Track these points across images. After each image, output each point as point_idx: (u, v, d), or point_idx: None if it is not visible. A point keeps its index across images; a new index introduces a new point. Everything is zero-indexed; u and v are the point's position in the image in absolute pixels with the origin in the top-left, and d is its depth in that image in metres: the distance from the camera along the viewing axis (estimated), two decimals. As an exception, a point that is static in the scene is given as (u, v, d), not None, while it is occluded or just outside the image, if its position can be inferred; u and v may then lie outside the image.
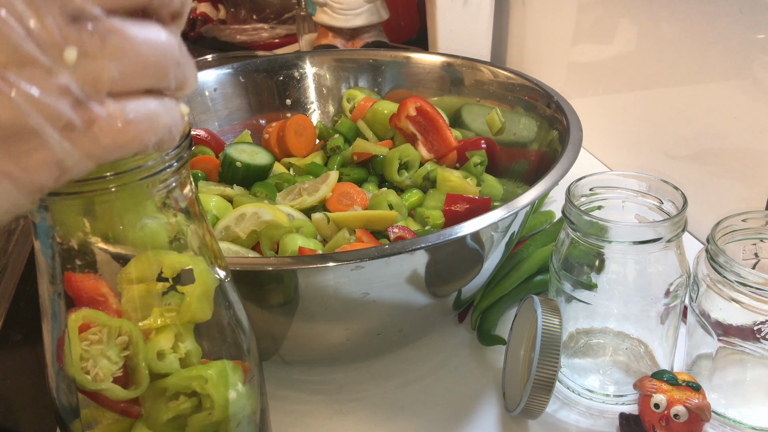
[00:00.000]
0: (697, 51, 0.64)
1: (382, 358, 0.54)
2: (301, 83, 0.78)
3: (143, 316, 0.28)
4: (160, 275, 0.29)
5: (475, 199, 0.57)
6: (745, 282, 0.41)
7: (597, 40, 0.82)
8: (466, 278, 0.49)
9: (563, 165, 0.49)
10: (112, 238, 0.27)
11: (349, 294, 0.43)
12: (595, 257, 0.45)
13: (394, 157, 0.63)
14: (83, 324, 0.27)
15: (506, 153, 0.66)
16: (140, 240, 0.28)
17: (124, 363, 0.28)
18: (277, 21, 1.37)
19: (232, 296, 0.32)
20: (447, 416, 0.49)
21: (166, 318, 0.29)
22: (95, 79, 0.20)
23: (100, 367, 0.27)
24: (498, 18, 1.02)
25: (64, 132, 0.20)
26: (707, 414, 0.41)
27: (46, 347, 0.29)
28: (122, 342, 0.28)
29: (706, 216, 0.66)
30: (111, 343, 0.28)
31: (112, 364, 0.28)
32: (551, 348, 0.43)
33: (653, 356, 0.49)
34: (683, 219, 0.44)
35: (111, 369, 0.28)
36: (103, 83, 0.21)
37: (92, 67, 0.20)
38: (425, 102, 0.65)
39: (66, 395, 0.29)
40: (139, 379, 0.28)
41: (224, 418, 0.31)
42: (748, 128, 0.60)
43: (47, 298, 0.28)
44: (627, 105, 0.78)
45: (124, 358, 0.28)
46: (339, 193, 0.60)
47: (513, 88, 0.67)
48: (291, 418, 0.49)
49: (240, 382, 0.31)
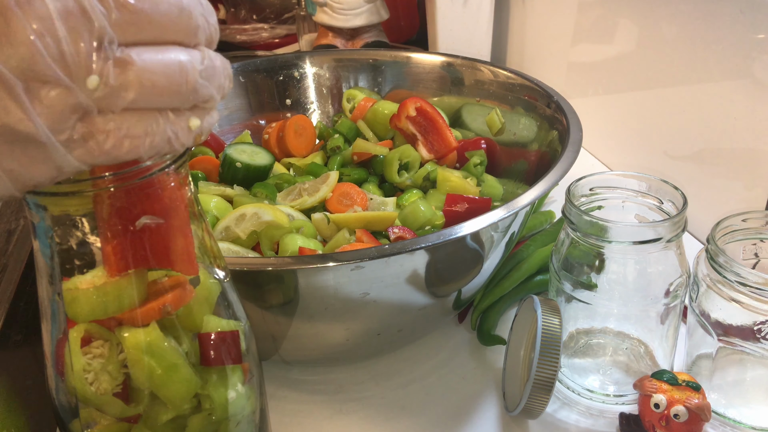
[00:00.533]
0: (697, 51, 0.64)
1: (382, 358, 0.54)
2: (301, 83, 0.78)
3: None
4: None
5: (475, 200, 0.57)
6: (745, 282, 0.41)
7: (597, 40, 0.82)
8: (467, 278, 0.49)
9: (563, 165, 0.49)
10: None
11: (349, 294, 0.43)
12: (595, 257, 0.45)
13: (394, 158, 0.63)
14: (85, 336, 0.27)
15: (506, 153, 0.66)
16: None
17: (124, 380, 0.28)
18: (277, 21, 1.37)
19: (232, 296, 0.32)
20: (447, 416, 0.49)
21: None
22: (110, 104, 0.21)
23: (102, 381, 0.27)
24: (498, 18, 1.02)
25: (66, 143, 0.21)
26: (707, 414, 0.41)
27: (46, 348, 0.29)
28: (123, 359, 0.28)
29: (706, 216, 0.66)
30: (112, 358, 0.28)
31: (113, 379, 0.28)
32: (551, 348, 0.43)
33: (653, 356, 0.49)
34: (683, 219, 0.44)
35: (112, 384, 0.28)
36: (118, 107, 0.22)
37: (110, 93, 0.21)
38: (425, 102, 0.65)
39: (65, 395, 0.29)
40: (139, 396, 0.28)
41: (224, 418, 0.31)
42: (748, 128, 0.60)
43: (46, 299, 0.28)
44: (627, 105, 0.78)
45: (125, 375, 0.28)
46: (339, 193, 0.60)
47: (513, 88, 0.67)
48: (291, 418, 0.49)
49: (239, 382, 0.31)
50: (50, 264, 0.27)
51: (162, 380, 0.28)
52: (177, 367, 0.28)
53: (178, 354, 0.28)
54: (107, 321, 0.28)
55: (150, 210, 0.26)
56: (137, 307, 0.27)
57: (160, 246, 0.27)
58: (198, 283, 0.29)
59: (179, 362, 0.28)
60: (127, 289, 0.27)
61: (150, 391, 0.28)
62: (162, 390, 0.28)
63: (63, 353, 0.28)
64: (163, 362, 0.28)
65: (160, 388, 0.28)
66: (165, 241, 0.27)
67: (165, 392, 0.28)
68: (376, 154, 0.66)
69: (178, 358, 0.28)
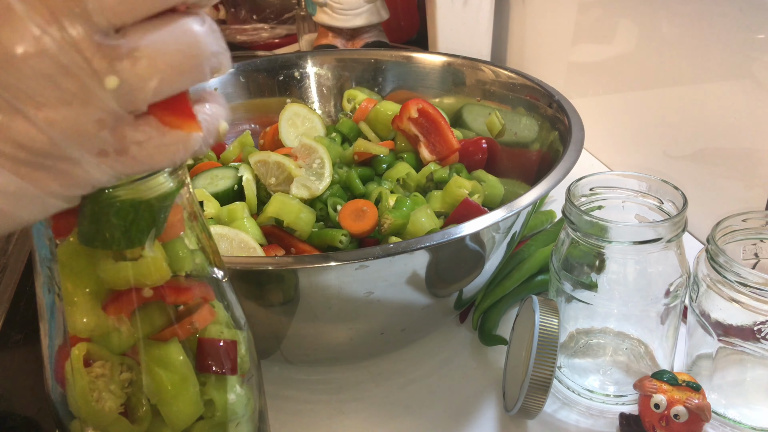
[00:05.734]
0: (697, 51, 0.64)
1: (383, 358, 0.54)
2: (302, 83, 0.78)
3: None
4: None
5: (486, 210, 0.57)
6: (745, 282, 0.41)
7: (597, 40, 0.82)
8: (469, 277, 0.49)
9: (565, 165, 0.49)
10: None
11: (353, 293, 0.43)
12: (595, 257, 0.45)
13: (392, 176, 0.63)
14: (85, 356, 0.27)
15: (508, 153, 0.66)
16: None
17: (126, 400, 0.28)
18: (277, 21, 1.37)
19: (230, 296, 0.32)
20: (448, 416, 0.49)
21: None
22: (135, 100, 0.21)
23: (107, 400, 0.27)
24: (498, 18, 1.02)
25: (100, 157, 0.21)
26: (707, 414, 0.41)
27: (44, 349, 0.29)
28: (126, 378, 0.28)
29: (706, 216, 0.66)
30: (115, 377, 0.28)
31: (117, 398, 0.28)
32: (548, 348, 0.43)
33: (653, 356, 0.49)
34: (683, 219, 0.44)
35: (117, 403, 0.28)
36: (144, 101, 0.21)
37: (130, 90, 0.20)
38: (427, 103, 0.65)
39: (64, 404, 0.29)
40: (142, 414, 0.28)
41: (225, 420, 0.31)
42: (748, 128, 0.60)
43: (43, 299, 0.28)
44: (627, 105, 0.78)
45: (126, 394, 0.28)
46: (352, 209, 0.58)
47: (514, 88, 0.67)
48: (291, 418, 0.49)
49: (238, 384, 0.31)
50: (48, 265, 0.27)
51: (171, 396, 0.28)
52: (188, 386, 0.29)
53: (192, 371, 0.29)
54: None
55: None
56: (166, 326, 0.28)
57: None
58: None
59: (192, 379, 0.29)
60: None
61: (153, 409, 0.28)
62: (170, 407, 0.28)
63: (63, 363, 0.28)
64: (177, 378, 0.28)
65: (169, 405, 0.28)
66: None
67: (170, 409, 0.29)
68: (377, 153, 0.66)
69: (192, 375, 0.29)
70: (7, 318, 0.62)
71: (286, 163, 0.58)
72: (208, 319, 0.29)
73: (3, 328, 0.61)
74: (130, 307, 0.27)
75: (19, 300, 0.64)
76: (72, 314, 0.27)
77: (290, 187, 0.58)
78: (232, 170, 0.61)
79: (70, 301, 0.27)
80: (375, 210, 0.56)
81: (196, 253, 0.30)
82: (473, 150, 0.67)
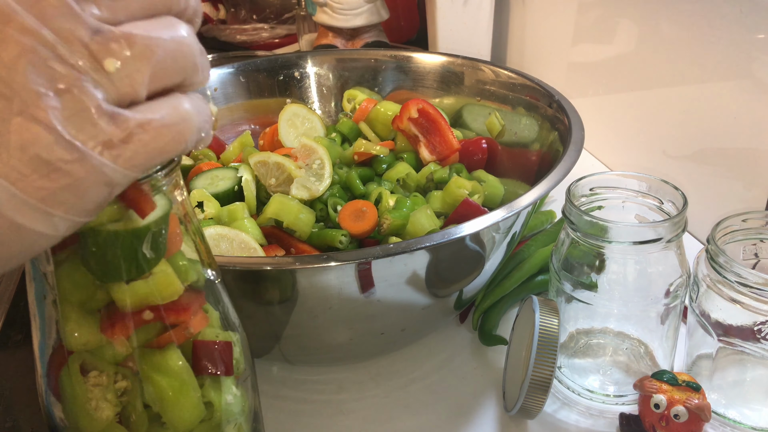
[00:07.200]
0: (697, 51, 0.64)
1: (383, 358, 0.54)
2: (302, 83, 0.78)
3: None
4: None
5: (486, 211, 0.57)
6: (746, 282, 0.41)
7: (597, 40, 0.82)
8: (470, 277, 0.49)
9: (565, 165, 0.49)
10: None
11: (353, 293, 0.43)
12: (595, 257, 0.45)
13: (392, 177, 0.63)
14: (81, 365, 0.27)
15: (508, 153, 0.66)
16: None
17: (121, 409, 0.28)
18: (277, 21, 1.37)
19: (224, 297, 0.32)
20: (448, 416, 0.49)
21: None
22: (132, 84, 0.21)
23: (104, 409, 0.27)
24: (498, 18, 1.02)
25: (105, 150, 0.21)
26: (707, 414, 0.41)
27: (36, 351, 0.29)
28: (121, 387, 0.28)
29: (706, 216, 0.66)
30: (110, 386, 0.28)
31: (114, 407, 0.28)
32: (548, 348, 0.43)
33: (653, 356, 0.49)
34: (683, 219, 0.44)
35: (114, 412, 0.28)
36: (139, 84, 0.21)
37: (127, 74, 0.21)
38: (427, 104, 0.65)
39: (57, 408, 0.29)
40: (136, 422, 0.28)
41: (221, 421, 0.31)
42: (748, 128, 0.60)
43: (34, 302, 0.28)
44: (627, 105, 0.78)
45: (121, 402, 0.28)
46: (352, 210, 0.58)
47: (514, 88, 0.67)
48: (292, 418, 0.49)
49: (233, 384, 0.31)
50: (40, 268, 0.27)
51: (173, 402, 0.28)
52: (189, 390, 0.29)
53: (192, 376, 0.29)
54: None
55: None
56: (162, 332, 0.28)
57: None
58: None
59: (193, 383, 0.29)
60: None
61: (149, 417, 0.28)
62: (172, 412, 0.28)
63: (56, 372, 0.28)
64: (177, 384, 0.28)
65: (171, 410, 0.28)
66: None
67: (173, 415, 0.29)
68: (377, 154, 0.66)
69: (193, 379, 0.29)
70: (7, 318, 0.62)
71: (286, 164, 0.58)
72: (203, 324, 0.29)
73: (3, 328, 0.61)
74: (128, 330, 0.27)
75: (19, 300, 0.64)
76: (66, 328, 0.27)
77: (290, 187, 0.57)
78: (232, 171, 0.61)
79: (65, 315, 0.27)
80: (375, 210, 0.56)
81: (195, 263, 0.30)
82: (473, 150, 0.67)
